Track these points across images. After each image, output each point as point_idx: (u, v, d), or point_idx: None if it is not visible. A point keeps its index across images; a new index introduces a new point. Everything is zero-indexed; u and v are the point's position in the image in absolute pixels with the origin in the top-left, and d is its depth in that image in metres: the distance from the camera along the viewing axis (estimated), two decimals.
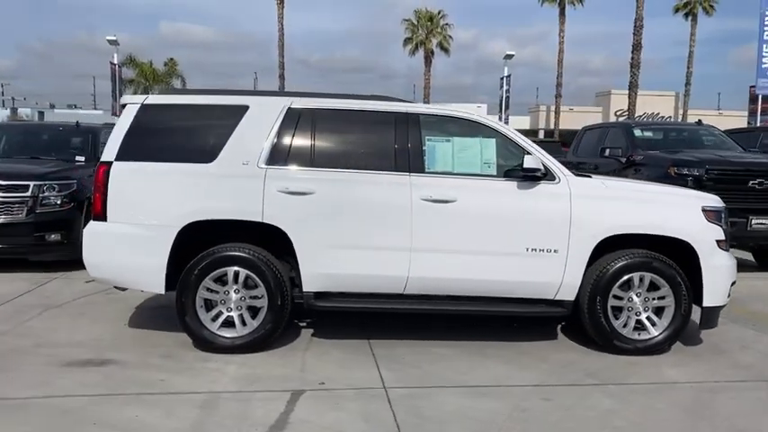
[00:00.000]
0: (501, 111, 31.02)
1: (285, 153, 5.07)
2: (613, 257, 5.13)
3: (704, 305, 5.21)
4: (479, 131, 5.28)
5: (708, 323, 5.31)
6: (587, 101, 52.12)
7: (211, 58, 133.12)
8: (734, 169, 8.49)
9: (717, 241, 5.22)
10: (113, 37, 26.21)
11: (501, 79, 30.50)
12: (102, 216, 4.99)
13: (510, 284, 5.13)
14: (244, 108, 5.14)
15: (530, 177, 5.09)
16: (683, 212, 5.24)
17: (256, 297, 5.02)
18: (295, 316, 5.56)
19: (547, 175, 5.13)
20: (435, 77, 46.25)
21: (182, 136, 5.15)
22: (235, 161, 5.00)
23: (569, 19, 41.87)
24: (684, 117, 43.87)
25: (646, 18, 35.80)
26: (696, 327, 5.39)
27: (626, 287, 5.17)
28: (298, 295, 5.15)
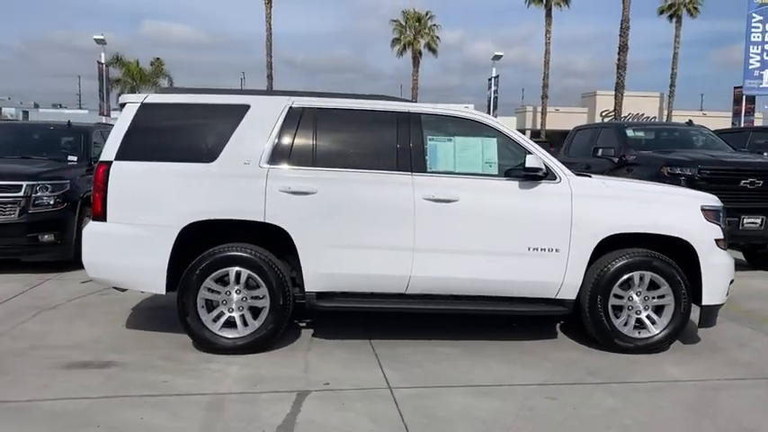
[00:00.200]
0: (489, 111, 31.07)
1: (287, 152, 5.04)
2: (614, 257, 5.16)
3: (703, 304, 5.26)
4: (481, 131, 5.29)
5: (707, 322, 5.36)
6: (572, 102, 52.40)
7: (197, 58, 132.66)
8: (726, 169, 8.56)
9: (716, 240, 5.27)
10: (101, 36, 25.96)
11: (489, 80, 30.59)
12: (101, 216, 4.94)
13: (512, 284, 5.14)
14: (245, 107, 5.11)
15: (531, 177, 5.10)
16: (683, 212, 5.28)
17: (258, 297, 4.99)
18: (294, 316, 5.53)
19: (548, 175, 5.15)
20: (422, 78, 46.19)
21: (182, 135, 5.11)
22: (236, 161, 4.97)
23: (555, 20, 42.09)
24: (669, 117, 44.21)
25: (630, 20, 36.09)
26: (693, 325, 5.43)
27: (626, 286, 5.20)
28: (299, 295, 5.13)
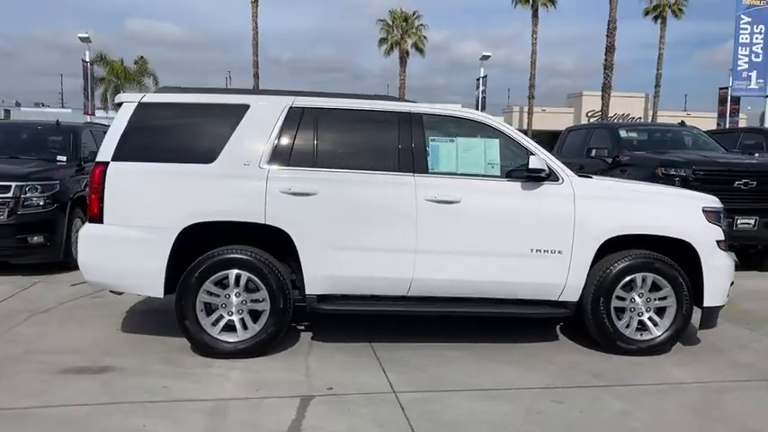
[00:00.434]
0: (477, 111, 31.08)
1: (287, 153, 4.97)
2: (616, 258, 5.14)
3: (705, 305, 5.24)
4: (483, 131, 5.24)
5: (707, 323, 5.35)
6: (558, 102, 52.59)
7: (182, 57, 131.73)
8: (720, 170, 8.59)
9: (717, 242, 5.26)
10: (85, 34, 25.64)
11: (477, 80, 30.63)
12: (98, 218, 4.84)
13: (514, 286, 5.10)
14: (244, 107, 5.02)
15: (534, 178, 5.06)
16: (685, 213, 5.27)
17: (258, 300, 4.91)
18: (293, 319, 5.45)
19: (550, 176, 5.11)
20: (408, 77, 46.04)
21: (181, 136, 5.02)
22: (236, 161, 4.89)
23: (541, 20, 42.21)
24: (654, 118, 44.50)
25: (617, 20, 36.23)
26: (693, 327, 5.42)
27: (628, 288, 5.18)
28: (299, 298, 5.06)
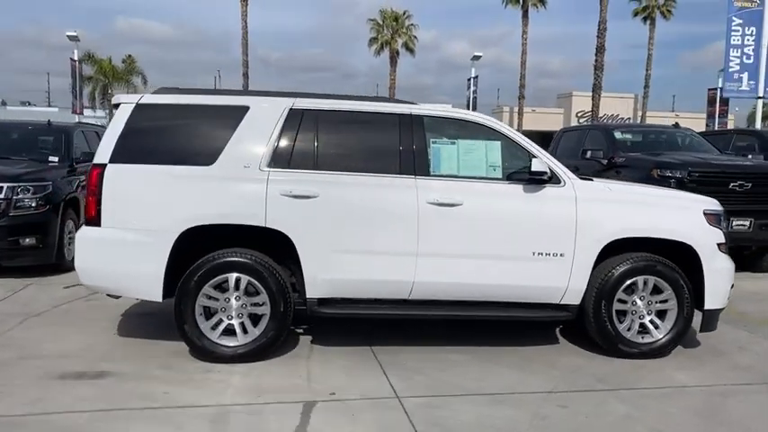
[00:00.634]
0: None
1: (288, 155, 4.91)
2: (618, 261, 5.12)
3: (705, 308, 5.24)
4: (485, 133, 5.21)
5: (708, 326, 5.34)
6: (547, 102, 52.77)
7: (171, 56, 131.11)
8: (715, 172, 8.61)
9: (717, 244, 5.27)
10: (74, 32, 25.33)
11: (468, 80, 30.57)
12: (95, 221, 4.76)
13: (516, 289, 5.07)
14: (244, 109, 4.96)
15: (536, 180, 5.04)
16: (686, 216, 5.26)
17: (258, 304, 4.85)
18: (292, 322, 5.40)
19: (552, 179, 5.09)
20: (398, 77, 45.99)
21: (179, 137, 4.94)
22: (236, 164, 4.83)
23: (530, 20, 42.29)
24: (643, 119, 44.77)
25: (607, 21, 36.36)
26: (692, 329, 5.40)
27: (630, 291, 5.16)
28: (299, 301, 5.01)
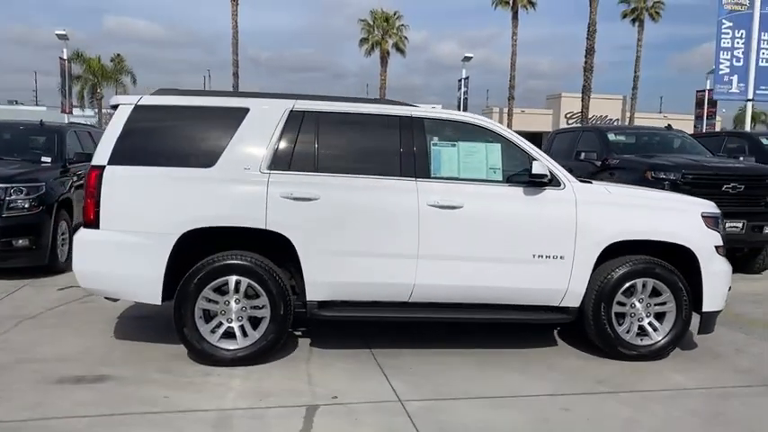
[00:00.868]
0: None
1: (288, 157, 4.89)
2: (617, 264, 5.13)
3: (704, 310, 5.27)
4: (485, 136, 5.21)
5: (706, 328, 5.37)
6: (534, 102, 53.03)
7: (160, 55, 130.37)
8: (709, 174, 8.66)
9: (715, 247, 5.29)
10: (63, 31, 25.11)
11: (459, 81, 30.64)
12: (94, 223, 4.71)
13: (516, 291, 5.08)
14: (244, 110, 4.93)
15: (536, 183, 5.04)
16: (685, 219, 5.28)
17: (258, 307, 4.82)
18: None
19: (552, 181, 5.10)
20: (388, 77, 45.97)
21: (179, 139, 4.90)
22: (236, 166, 4.80)
23: (519, 22, 42.42)
24: (631, 120, 45.07)
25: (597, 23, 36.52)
26: (689, 331, 5.43)
27: (629, 293, 5.18)
28: (298, 304, 4.98)
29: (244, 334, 4.82)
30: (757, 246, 9.03)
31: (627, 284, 5.14)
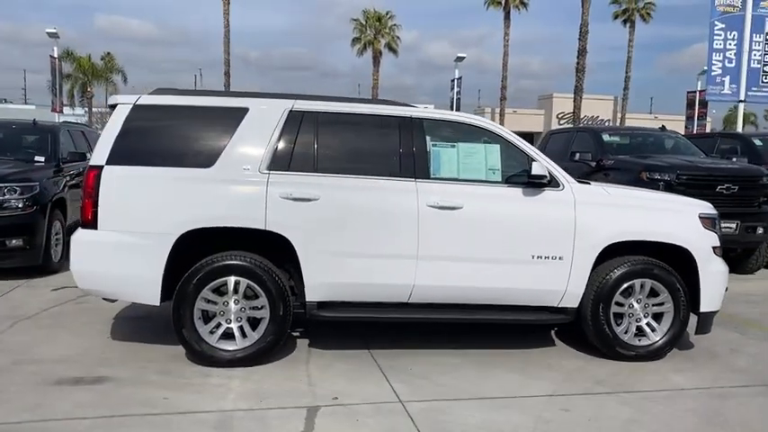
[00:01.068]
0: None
1: (287, 157, 4.87)
2: (615, 264, 5.15)
3: (701, 311, 5.30)
4: (484, 137, 5.22)
5: (703, 329, 5.40)
6: (526, 103, 53.13)
7: (151, 54, 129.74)
8: (703, 175, 8.72)
9: (713, 248, 5.32)
10: (53, 29, 24.94)
11: (452, 81, 30.68)
12: (92, 224, 4.68)
13: (515, 292, 5.08)
14: (243, 110, 4.91)
15: (536, 184, 5.05)
16: (682, 220, 5.31)
17: (257, 308, 4.80)
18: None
19: (551, 182, 5.11)
20: (380, 77, 45.96)
21: (178, 139, 4.88)
22: (235, 166, 4.78)
23: (511, 22, 42.50)
24: (623, 121, 45.23)
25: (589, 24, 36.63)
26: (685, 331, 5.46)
27: (627, 294, 5.20)
28: (297, 305, 4.96)
29: (243, 335, 4.80)
30: (751, 246, 9.11)
31: (625, 285, 5.16)
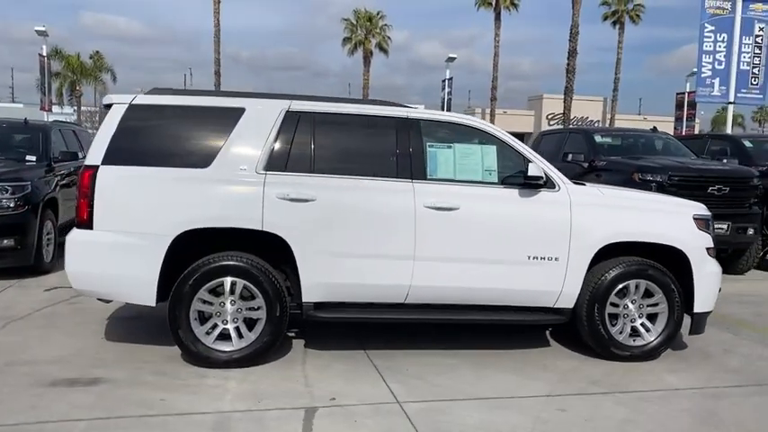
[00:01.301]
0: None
1: (284, 158, 4.86)
2: (610, 265, 5.18)
3: (695, 311, 5.33)
4: (481, 138, 5.23)
5: (697, 329, 5.44)
6: (515, 103, 53.37)
7: (140, 53, 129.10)
8: (695, 176, 8.78)
9: (706, 249, 5.36)
10: (42, 27, 24.77)
11: (443, 81, 30.74)
12: (87, 224, 4.65)
13: (511, 293, 5.10)
14: (240, 110, 4.89)
15: (532, 185, 5.07)
16: (677, 221, 5.34)
17: (253, 308, 4.79)
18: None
19: (547, 183, 5.13)
20: (371, 77, 45.95)
21: (174, 139, 4.85)
22: (232, 166, 4.76)
23: (502, 23, 42.60)
24: (612, 122, 45.46)
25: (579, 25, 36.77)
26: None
27: (622, 294, 5.23)
28: (293, 305, 4.96)
29: (239, 336, 4.79)
30: (741, 247, 9.18)
31: (620, 286, 5.19)
